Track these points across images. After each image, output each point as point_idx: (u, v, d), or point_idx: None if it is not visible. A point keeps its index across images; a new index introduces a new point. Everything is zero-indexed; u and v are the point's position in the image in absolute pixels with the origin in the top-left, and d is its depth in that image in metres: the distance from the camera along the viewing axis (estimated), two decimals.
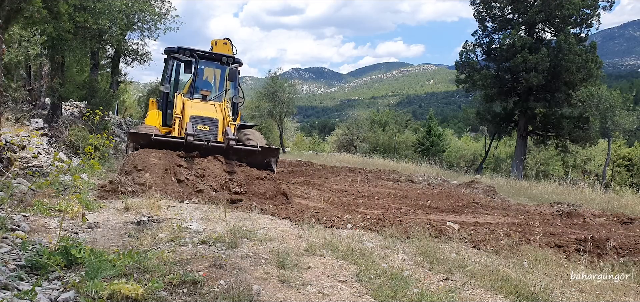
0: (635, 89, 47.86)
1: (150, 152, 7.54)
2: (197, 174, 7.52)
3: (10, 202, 4.84)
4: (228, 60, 10.37)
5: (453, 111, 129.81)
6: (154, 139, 7.77)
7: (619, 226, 7.73)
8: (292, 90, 40.28)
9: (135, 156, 7.55)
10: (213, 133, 8.67)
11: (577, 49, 26.40)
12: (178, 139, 8.07)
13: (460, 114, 66.85)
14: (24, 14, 8.99)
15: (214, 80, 10.99)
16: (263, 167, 8.52)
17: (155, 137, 7.79)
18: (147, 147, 7.65)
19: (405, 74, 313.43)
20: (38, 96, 15.48)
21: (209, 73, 10.96)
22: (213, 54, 10.33)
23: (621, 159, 42.30)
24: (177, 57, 9.90)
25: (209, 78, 10.95)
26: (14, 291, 2.60)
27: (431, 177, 15.07)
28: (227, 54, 10.36)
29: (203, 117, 8.84)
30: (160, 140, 7.86)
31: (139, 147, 7.72)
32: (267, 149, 8.80)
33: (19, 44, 12.80)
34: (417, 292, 3.34)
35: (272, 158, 8.75)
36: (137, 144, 7.80)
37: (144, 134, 8.04)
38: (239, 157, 8.35)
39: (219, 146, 8.12)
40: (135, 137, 7.96)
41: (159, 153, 7.58)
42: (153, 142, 7.74)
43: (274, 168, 8.70)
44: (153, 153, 7.55)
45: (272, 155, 8.80)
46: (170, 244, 4.21)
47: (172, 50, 9.98)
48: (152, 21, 20.64)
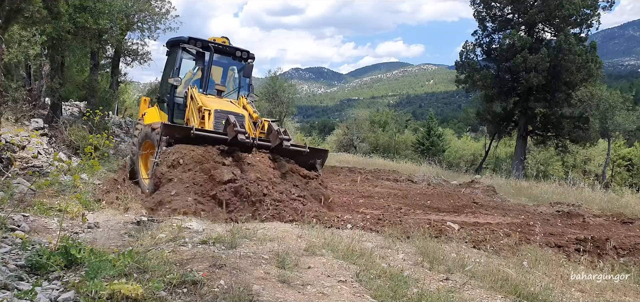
0: (635, 89, 47.89)
1: (186, 149, 6.60)
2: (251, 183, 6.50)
3: (10, 202, 4.84)
4: (242, 55, 9.55)
5: (453, 111, 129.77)
6: (195, 134, 6.80)
7: (619, 226, 7.73)
8: (292, 90, 40.33)
9: (170, 155, 6.58)
10: (240, 127, 7.81)
11: (577, 49, 26.41)
12: (221, 134, 7.15)
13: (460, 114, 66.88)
14: (24, 14, 9.00)
15: (225, 76, 10.09)
16: (307, 167, 7.79)
17: (196, 132, 6.82)
18: (182, 142, 6.76)
19: (405, 74, 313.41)
20: (38, 96, 15.47)
21: (218, 68, 10.00)
22: (227, 47, 9.47)
23: (621, 159, 42.30)
24: (186, 48, 9.00)
25: (218, 73, 10.01)
26: (14, 291, 2.60)
27: (431, 177, 15.08)
28: (241, 48, 9.56)
29: (229, 112, 7.98)
30: (202, 135, 6.93)
31: (173, 142, 6.78)
32: (316, 150, 8.23)
33: (19, 44, 12.79)
34: (417, 292, 3.34)
35: (318, 159, 8.09)
36: (172, 139, 6.83)
37: (182, 127, 7.14)
38: (284, 156, 7.55)
39: (266, 145, 7.39)
40: (170, 131, 6.91)
41: (197, 151, 6.63)
42: (193, 137, 6.79)
43: (319, 170, 8.01)
44: (191, 150, 6.59)
45: (319, 156, 8.16)
46: (170, 244, 4.21)
47: (181, 41, 9.06)
48: (152, 21, 20.66)
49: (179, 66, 9.01)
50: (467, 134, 59.67)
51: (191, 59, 9.29)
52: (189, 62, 9.46)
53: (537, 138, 31.94)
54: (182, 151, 6.58)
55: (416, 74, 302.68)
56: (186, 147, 6.62)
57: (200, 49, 8.97)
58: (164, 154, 6.57)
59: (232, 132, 6.78)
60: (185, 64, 9.44)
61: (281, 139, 7.11)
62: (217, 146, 6.82)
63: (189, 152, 6.53)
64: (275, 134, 7.35)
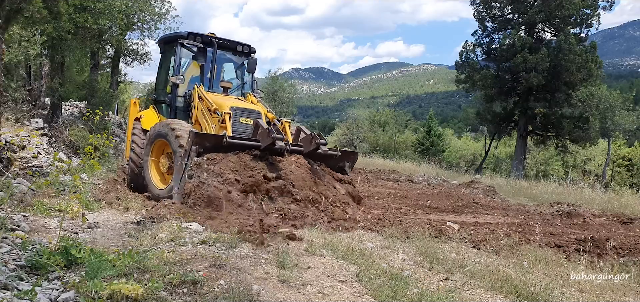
0: (635, 89, 47.94)
1: (220, 157, 5.98)
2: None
3: (10, 202, 4.84)
4: (244, 49, 9.09)
5: (453, 111, 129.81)
6: (228, 142, 6.21)
7: (619, 226, 7.72)
8: (292, 90, 40.33)
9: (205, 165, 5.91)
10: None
11: (577, 49, 26.41)
12: (253, 141, 6.64)
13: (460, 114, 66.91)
14: (24, 14, 8.97)
15: (223, 73, 9.55)
16: (337, 170, 7.48)
17: (230, 141, 6.25)
18: (212, 151, 6.18)
19: (405, 74, 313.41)
20: (38, 96, 15.47)
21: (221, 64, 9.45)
22: (228, 42, 8.95)
23: (621, 159, 42.33)
24: (185, 44, 8.47)
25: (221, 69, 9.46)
26: (14, 291, 2.60)
27: (431, 177, 15.07)
28: (242, 42, 9.10)
29: (245, 109, 7.55)
30: (236, 143, 6.35)
31: (203, 151, 6.15)
32: (346, 153, 7.91)
33: (19, 44, 12.79)
34: (417, 292, 3.34)
35: (346, 162, 7.74)
36: (201, 148, 6.16)
37: (213, 135, 6.51)
38: (316, 160, 7.16)
39: (299, 150, 6.94)
40: (201, 139, 6.22)
41: (231, 158, 6.08)
42: (225, 145, 6.21)
43: (349, 173, 7.70)
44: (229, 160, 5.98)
45: (349, 159, 7.83)
46: (170, 244, 4.21)
47: (180, 36, 8.49)
48: (152, 21, 20.66)
49: (179, 63, 8.48)
50: (467, 134, 59.72)
51: (190, 56, 8.80)
52: (184, 60, 8.92)
53: (537, 138, 31.95)
54: (218, 160, 6.01)
55: (416, 74, 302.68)
56: (217, 156, 6.11)
57: (200, 45, 8.50)
58: (197, 164, 5.97)
59: (268, 138, 6.30)
60: (173, 62, 8.88)
61: (318, 143, 6.79)
62: (248, 151, 6.36)
63: (227, 161, 5.99)
64: (308, 138, 7.01)
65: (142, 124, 8.48)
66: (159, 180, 7.54)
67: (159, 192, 7.15)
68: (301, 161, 6.66)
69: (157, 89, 9.38)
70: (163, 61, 9.31)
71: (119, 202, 6.47)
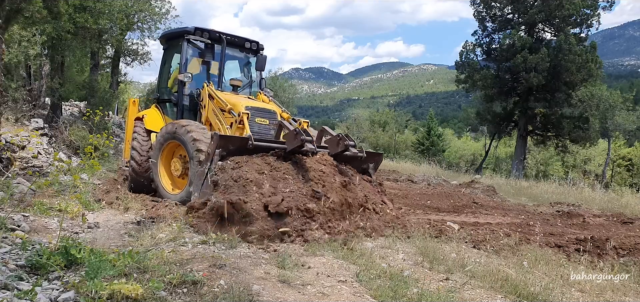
0: (635, 89, 47.88)
1: (247, 163, 5.54)
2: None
3: (10, 202, 4.84)
4: (252, 46, 8.69)
5: (453, 111, 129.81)
6: (254, 145, 5.81)
7: (619, 226, 7.72)
8: (292, 90, 40.30)
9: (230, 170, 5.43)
10: (273, 128, 7.19)
11: (577, 49, 26.43)
12: (278, 143, 6.23)
13: (460, 114, 66.90)
14: (24, 14, 8.98)
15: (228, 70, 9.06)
16: (360, 173, 7.01)
17: (256, 143, 5.84)
18: (236, 154, 5.77)
19: (405, 74, 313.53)
20: (38, 96, 15.47)
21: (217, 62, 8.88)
22: (236, 38, 8.53)
23: (621, 159, 42.35)
24: (192, 40, 8.04)
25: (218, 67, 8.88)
26: (14, 291, 2.60)
27: (431, 177, 15.08)
28: (250, 38, 8.72)
29: (260, 109, 7.22)
30: (261, 146, 5.95)
31: (226, 154, 5.74)
32: (371, 154, 7.41)
33: (19, 44, 12.80)
34: (417, 292, 3.34)
35: (370, 163, 7.24)
36: (224, 151, 5.75)
37: (237, 138, 6.06)
38: (341, 162, 6.66)
39: (324, 151, 6.44)
40: (225, 142, 5.78)
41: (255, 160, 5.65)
42: (251, 148, 5.81)
43: (373, 175, 7.21)
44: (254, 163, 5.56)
45: (373, 160, 7.32)
46: (170, 244, 4.21)
47: (186, 32, 8.07)
48: (152, 21, 20.67)
49: (186, 61, 8.03)
50: (467, 134, 59.74)
51: (196, 53, 8.36)
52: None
53: (537, 138, 31.96)
54: (242, 163, 5.56)
55: (416, 74, 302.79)
56: (242, 159, 5.65)
57: (208, 41, 8.13)
58: (221, 168, 5.51)
59: (295, 140, 5.86)
60: (176, 59, 8.60)
61: (347, 145, 6.35)
62: (272, 153, 5.91)
63: (252, 164, 5.57)
64: (335, 139, 6.55)
65: (146, 123, 8.16)
66: (170, 184, 7.26)
67: (171, 197, 6.85)
68: (327, 158, 6.15)
69: (159, 87, 9.07)
70: (167, 58, 8.96)
71: (119, 202, 6.48)
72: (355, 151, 6.41)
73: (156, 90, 9.26)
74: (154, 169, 7.31)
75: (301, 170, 5.76)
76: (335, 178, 5.87)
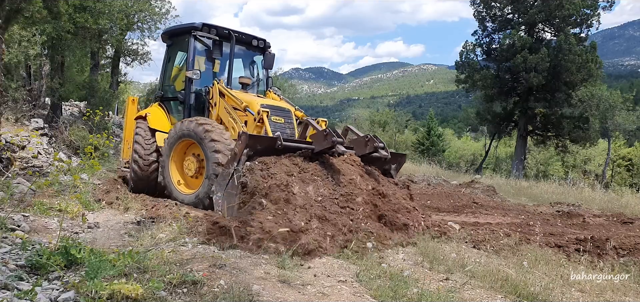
0: (635, 89, 47.88)
1: (276, 164, 5.25)
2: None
3: (10, 202, 4.84)
4: (259, 44, 8.51)
5: (453, 111, 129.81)
6: (283, 145, 5.51)
7: (619, 226, 7.72)
8: (292, 90, 40.33)
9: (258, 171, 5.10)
10: (289, 127, 7.01)
11: (577, 49, 26.44)
12: (306, 144, 5.90)
13: (460, 114, 66.89)
14: (24, 14, 8.97)
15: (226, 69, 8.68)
16: (382, 173, 6.64)
17: (285, 143, 5.55)
18: (264, 154, 5.45)
19: (405, 74, 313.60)
20: (38, 96, 15.48)
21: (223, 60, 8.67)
22: (243, 35, 8.30)
23: (621, 159, 42.36)
24: (198, 37, 7.80)
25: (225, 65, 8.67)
26: (14, 291, 2.60)
27: (431, 177, 15.08)
28: (257, 36, 8.53)
29: (275, 107, 6.95)
30: (290, 146, 5.63)
31: (253, 154, 5.41)
32: (395, 155, 7.10)
33: (19, 44, 12.80)
34: (417, 292, 3.34)
35: (393, 165, 6.92)
36: (252, 151, 5.42)
37: (266, 138, 5.72)
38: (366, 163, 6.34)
39: (351, 152, 6.08)
40: (254, 142, 5.45)
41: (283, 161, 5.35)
42: (280, 148, 5.50)
43: (395, 176, 6.90)
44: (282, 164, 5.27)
45: (395, 161, 7.00)
46: (170, 244, 4.21)
47: (194, 28, 7.83)
48: (152, 21, 20.71)
49: (193, 58, 7.78)
50: (467, 134, 59.75)
51: (203, 50, 8.11)
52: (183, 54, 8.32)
53: (537, 138, 31.98)
54: (270, 164, 5.27)
55: (416, 74, 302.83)
56: (270, 160, 5.36)
57: (216, 38, 7.88)
58: (249, 169, 5.18)
59: (325, 141, 5.58)
60: (181, 56, 8.41)
61: (376, 146, 6.07)
62: (299, 153, 5.59)
63: (281, 165, 5.31)
64: (362, 140, 6.31)
65: (150, 122, 7.91)
66: (183, 185, 7.04)
67: (183, 198, 6.68)
68: (355, 159, 5.84)
69: (163, 85, 8.74)
70: (171, 55, 8.69)
71: (119, 202, 6.47)
72: (385, 154, 6.12)
73: (159, 88, 8.97)
74: (164, 168, 7.11)
75: (330, 172, 5.48)
76: (366, 183, 5.57)
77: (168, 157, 7.08)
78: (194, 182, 6.91)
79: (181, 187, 7.01)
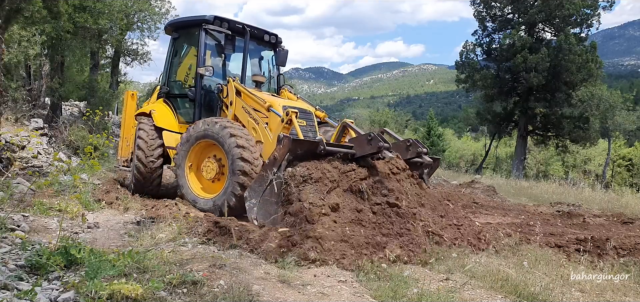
0: (635, 89, 47.97)
1: (318, 170, 4.86)
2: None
3: (10, 202, 4.84)
4: (271, 39, 8.12)
5: (453, 111, 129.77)
6: (326, 149, 5.11)
7: (619, 226, 7.72)
8: (292, 90, 40.28)
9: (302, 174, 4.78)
10: (311, 129, 6.64)
11: (577, 49, 26.44)
12: (347, 147, 5.41)
13: (460, 114, 66.86)
14: (24, 14, 8.98)
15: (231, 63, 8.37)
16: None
17: (328, 148, 5.16)
18: (304, 159, 5.05)
19: (405, 74, 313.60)
20: (38, 96, 15.49)
21: (236, 55, 8.22)
22: (255, 30, 7.90)
23: (621, 159, 42.35)
24: (209, 30, 7.37)
25: (236, 62, 8.30)
26: (14, 291, 2.60)
27: (431, 178, 15.05)
28: (270, 31, 8.14)
29: (298, 109, 6.46)
30: (333, 150, 5.22)
31: (293, 159, 5.03)
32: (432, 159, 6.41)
33: (19, 44, 12.80)
34: (417, 292, 3.34)
35: (425, 169, 6.37)
36: (293, 155, 5.02)
37: (308, 142, 5.31)
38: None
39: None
40: (295, 146, 5.01)
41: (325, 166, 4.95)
42: (322, 153, 5.11)
43: (427, 181, 6.31)
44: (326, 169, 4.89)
45: (428, 165, 6.39)
46: (170, 244, 4.21)
47: (205, 21, 7.38)
48: (152, 21, 20.75)
49: (204, 53, 7.36)
50: (467, 134, 59.74)
51: (213, 44, 7.67)
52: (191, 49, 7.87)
53: (537, 138, 31.98)
54: (312, 169, 4.88)
55: (416, 74, 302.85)
56: (311, 165, 4.98)
57: (228, 32, 7.44)
58: (291, 175, 4.85)
59: (369, 146, 5.22)
60: (191, 51, 7.89)
61: (419, 151, 5.73)
62: (338, 155, 5.19)
63: (324, 170, 4.93)
64: (403, 144, 5.94)
65: (156, 120, 7.47)
66: (200, 188, 6.69)
67: (200, 203, 6.37)
68: (401, 164, 5.38)
69: (168, 81, 8.20)
70: (177, 49, 8.18)
71: (119, 202, 6.47)
72: (429, 160, 5.75)
73: (164, 84, 8.29)
74: (180, 170, 6.73)
75: (374, 177, 5.08)
76: (420, 193, 5.24)
77: (184, 159, 6.68)
78: (213, 186, 6.57)
79: (198, 190, 6.65)
